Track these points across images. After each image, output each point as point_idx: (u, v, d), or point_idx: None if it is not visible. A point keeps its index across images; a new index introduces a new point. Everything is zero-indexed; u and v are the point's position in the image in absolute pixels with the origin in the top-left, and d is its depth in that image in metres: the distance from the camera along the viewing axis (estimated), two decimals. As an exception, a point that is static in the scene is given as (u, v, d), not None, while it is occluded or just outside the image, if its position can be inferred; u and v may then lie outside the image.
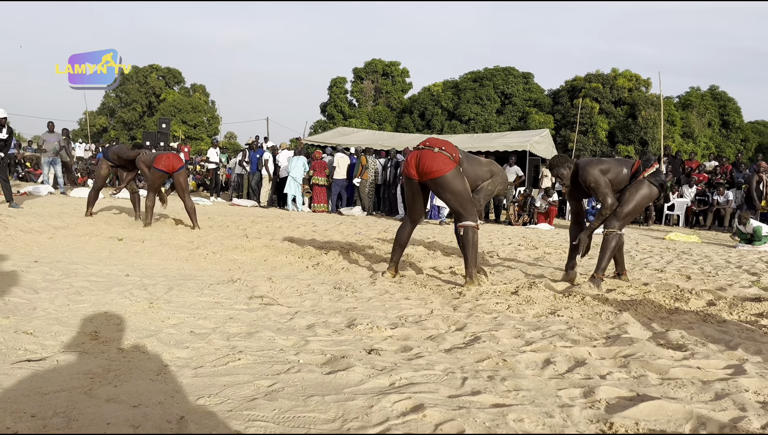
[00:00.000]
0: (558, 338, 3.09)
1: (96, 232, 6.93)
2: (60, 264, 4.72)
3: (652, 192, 4.91)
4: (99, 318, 3.06)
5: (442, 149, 4.63)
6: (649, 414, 2.04)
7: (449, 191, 4.66)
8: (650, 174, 4.89)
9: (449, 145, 4.73)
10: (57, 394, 1.97)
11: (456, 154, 4.68)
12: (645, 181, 4.89)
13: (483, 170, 4.94)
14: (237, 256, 5.81)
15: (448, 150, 4.65)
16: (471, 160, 4.93)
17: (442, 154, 4.61)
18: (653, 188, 4.90)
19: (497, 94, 34.80)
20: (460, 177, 4.67)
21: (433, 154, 4.61)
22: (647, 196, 4.90)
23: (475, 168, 4.90)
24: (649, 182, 4.88)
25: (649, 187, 4.88)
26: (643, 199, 4.89)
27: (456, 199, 4.68)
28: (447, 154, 4.61)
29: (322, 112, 40.70)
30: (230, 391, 2.11)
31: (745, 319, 3.82)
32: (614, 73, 33.80)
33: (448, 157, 4.61)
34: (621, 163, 5.04)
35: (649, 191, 4.89)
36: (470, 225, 4.67)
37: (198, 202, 14.04)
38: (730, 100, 35.41)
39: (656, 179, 4.89)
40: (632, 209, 4.86)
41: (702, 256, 7.88)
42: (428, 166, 4.61)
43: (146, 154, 8.35)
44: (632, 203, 4.84)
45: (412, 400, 2.06)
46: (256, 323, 3.22)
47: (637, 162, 5.02)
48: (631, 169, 4.95)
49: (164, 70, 44.34)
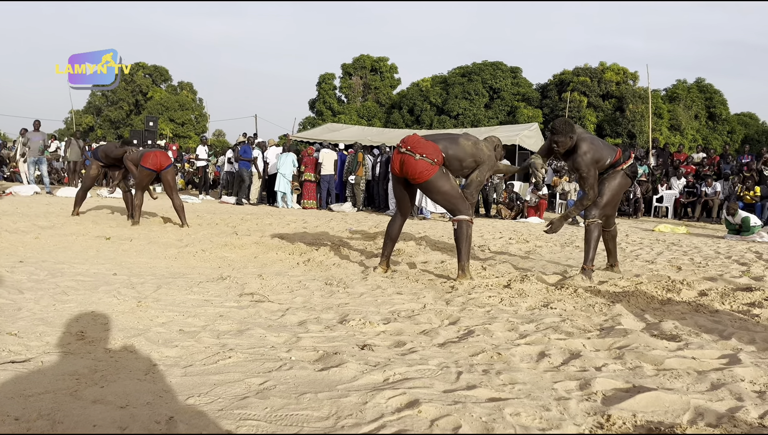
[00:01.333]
0: (552, 331, 3.07)
1: (83, 231, 6.84)
2: (46, 264, 4.64)
3: (626, 182, 5.10)
4: (85, 318, 3.00)
5: (423, 156, 4.61)
6: (646, 405, 2.02)
7: (436, 193, 4.75)
8: (628, 166, 5.05)
9: (429, 148, 4.66)
10: (41, 396, 1.92)
11: (438, 156, 4.65)
12: (621, 173, 5.02)
13: (468, 161, 4.90)
14: (227, 254, 5.75)
15: (429, 155, 4.62)
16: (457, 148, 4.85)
17: (423, 160, 4.61)
18: (627, 179, 5.08)
19: (485, 88, 34.84)
20: (444, 177, 4.71)
21: (415, 162, 4.61)
22: (623, 186, 5.08)
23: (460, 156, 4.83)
24: (625, 174, 5.03)
25: (624, 179, 5.04)
26: (620, 189, 5.06)
27: (444, 197, 4.75)
28: (428, 161, 4.61)
29: (311, 108, 40.57)
30: (221, 390, 2.07)
31: (737, 308, 3.81)
32: (602, 67, 33.96)
33: (430, 162, 4.61)
34: (608, 150, 5.10)
35: (625, 181, 5.07)
36: (464, 219, 4.69)
37: (187, 200, 13.93)
38: (716, 92, 35.66)
39: (630, 170, 5.07)
40: (610, 199, 5.01)
41: (691, 247, 7.91)
42: (411, 172, 4.65)
43: (133, 152, 8.23)
44: (610, 193, 4.98)
45: (407, 395, 2.03)
46: (246, 321, 3.17)
47: (619, 152, 5.10)
48: (612, 158, 5.03)
49: (151, 68, 44.00)
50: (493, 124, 30.26)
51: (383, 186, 14.15)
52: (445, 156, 4.72)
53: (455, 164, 4.83)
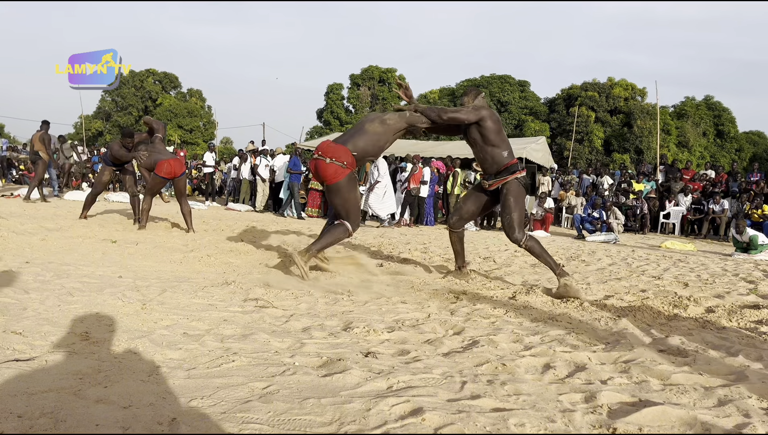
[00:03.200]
0: (557, 343, 3.05)
1: (90, 234, 6.86)
2: (52, 265, 4.65)
3: (524, 192, 5.12)
4: (90, 319, 3.00)
5: (333, 160, 4.86)
6: (652, 419, 2.00)
7: (339, 197, 4.99)
8: (522, 176, 5.09)
9: (339, 152, 4.89)
10: (45, 394, 1.92)
11: (347, 159, 4.87)
12: (516, 183, 5.02)
13: (384, 138, 5.06)
14: (232, 259, 5.75)
15: (338, 159, 4.86)
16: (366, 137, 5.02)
17: (333, 164, 4.87)
18: (523, 189, 5.10)
19: (493, 101, 34.92)
20: (351, 184, 4.97)
21: (326, 165, 4.88)
22: (523, 195, 5.10)
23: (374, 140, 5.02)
24: (519, 183, 5.05)
25: (522, 189, 5.07)
26: (522, 200, 5.08)
27: (344, 205, 5.00)
28: (338, 164, 4.87)
29: (319, 118, 40.76)
30: (224, 393, 2.06)
31: (744, 326, 3.78)
32: (610, 82, 33.99)
33: (340, 165, 4.87)
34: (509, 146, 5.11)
35: (523, 193, 5.10)
36: (346, 226, 4.99)
37: (193, 206, 13.97)
38: (725, 110, 35.63)
39: (523, 181, 5.10)
40: (520, 214, 5.00)
41: (698, 264, 7.86)
42: (323, 175, 4.93)
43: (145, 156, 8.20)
44: (518, 209, 4.99)
45: (411, 403, 2.01)
46: (250, 325, 3.16)
47: (515, 159, 5.12)
48: (509, 159, 5.03)
49: (161, 74, 44.34)
50: (500, 137, 30.28)
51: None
52: (357, 152, 4.93)
53: (375, 149, 5.07)
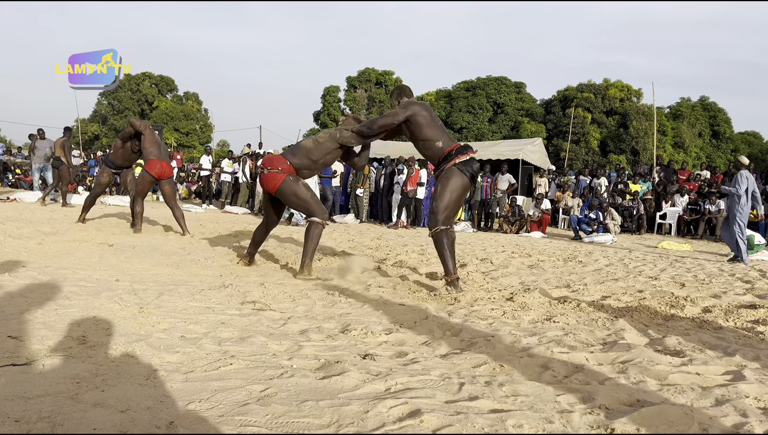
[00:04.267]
0: (555, 344, 3.05)
1: (86, 237, 6.85)
2: (49, 269, 4.64)
3: (463, 182, 4.70)
4: (87, 322, 2.99)
5: (269, 169, 5.14)
6: (650, 419, 2.00)
7: (290, 196, 5.14)
8: (461, 162, 4.68)
9: (275, 161, 5.18)
10: (42, 398, 1.91)
11: (283, 165, 5.11)
12: (455, 170, 4.66)
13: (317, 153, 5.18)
14: (229, 262, 5.74)
15: (273, 167, 5.12)
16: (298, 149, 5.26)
17: (270, 172, 5.11)
18: (464, 178, 4.69)
19: (489, 103, 34.97)
20: (294, 184, 5.13)
21: (265, 176, 5.16)
22: (460, 187, 4.69)
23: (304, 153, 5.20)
24: (459, 171, 4.67)
25: (460, 177, 4.67)
26: (455, 191, 4.68)
27: (298, 202, 5.18)
28: (275, 171, 5.10)
29: (315, 120, 40.76)
30: (221, 396, 2.06)
31: (741, 325, 3.79)
32: (606, 84, 34.07)
33: (276, 172, 5.10)
34: (444, 136, 4.82)
35: (461, 181, 4.68)
36: (316, 221, 5.18)
37: (190, 209, 13.96)
38: (720, 110, 35.75)
39: (467, 169, 4.69)
40: (448, 202, 4.66)
41: (695, 264, 7.89)
42: (266, 186, 5.19)
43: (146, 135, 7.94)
44: (446, 197, 4.65)
45: (409, 405, 2.01)
46: (248, 328, 3.16)
47: (454, 145, 4.78)
48: (445, 146, 4.75)
49: (157, 77, 44.28)
50: (496, 138, 30.36)
51: (386, 198, 14.17)
52: (292, 163, 5.14)
53: (307, 162, 5.20)
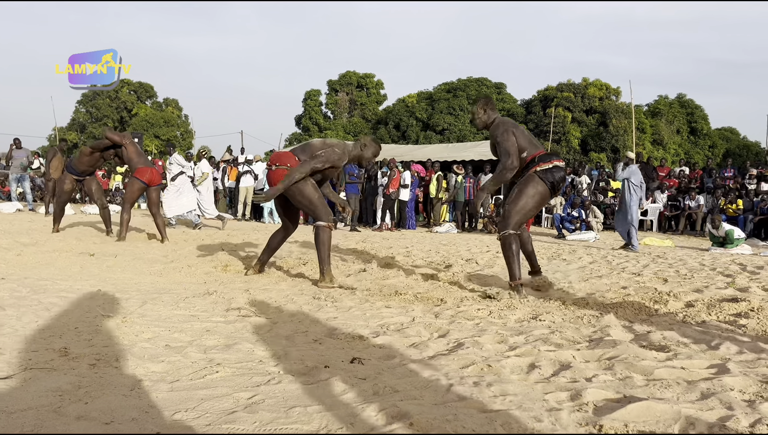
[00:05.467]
0: (541, 342, 3.06)
1: (66, 247, 6.75)
2: (28, 280, 4.56)
3: (541, 190, 4.63)
4: (69, 334, 2.95)
5: (277, 165, 5.03)
6: (637, 415, 2.01)
7: (296, 194, 5.00)
8: (542, 169, 4.62)
9: (283, 157, 5.08)
10: (24, 412, 1.87)
11: (291, 162, 5.00)
12: (535, 177, 4.61)
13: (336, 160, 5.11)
14: (213, 269, 5.69)
15: (282, 163, 5.02)
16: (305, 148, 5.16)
17: (279, 169, 5.00)
18: (543, 186, 4.62)
19: (470, 104, 35.07)
20: (302, 182, 4.97)
21: (272, 172, 5.04)
22: (537, 195, 4.62)
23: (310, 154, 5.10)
24: (539, 178, 4.61)
25: (540, 184, 4.61)
26: (532, 198, 4.61)
27: (304, 202, 5.04)
28: (283, 167, 4.99)
29: (297, 124, 40.62)
30: (208, 405, 2.03)
31: (723, 319, 3.84)
32: (585, 83, 34.39)
33: (285, 168, 4.98)
34: (530, 145, 4.73)
35: (540, 189, 4.62)
36: (321, 225, 5.00)
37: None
38: (697, 107, 36.23)
39: (548, 177, 4.61)
40: (521, 207, 4.59)
41: (677, 259, 7.97)
42: (274, 183, 5.03)
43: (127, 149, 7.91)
44: (520, 201, 4.59)
45: (398, 408, 2.00)
46: (233, 335, 3.13)
47: (538, 152, 4.71)
48: (529, 154, 4.69)
49: (136, 84, 43.80)
50: (478, 139, 30.46)
51: (370, 201, 14.16)
52: (299, 159, 5.03)
53: None
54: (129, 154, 7.82)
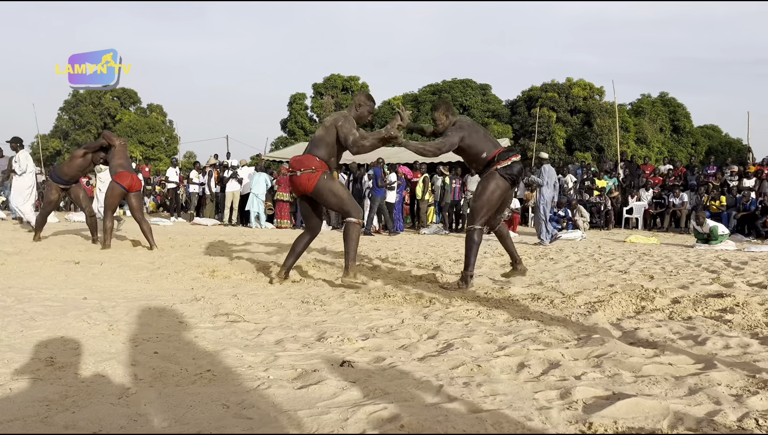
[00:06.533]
0: (530, 341, 3.08)
1: (51, 256, 6.67)
2: (12, 290, 4.51)
3: (502, 185, 5.01)
4: (55, 343, 2.91)
5: (302, 170, 4.95)
6: (626, 412, 2.03)
7: (327, 193, 4.97)
8: (503, 167, 4.99)
9: (305, 161, 4.98)
10: (10, 423, 1.85)
11: (314, 163, 4.93)
12: (496, 174, 4.98)
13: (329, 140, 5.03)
14: (200, 275, 5.66)
15: (306, 167, 4.95)
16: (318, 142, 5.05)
17: (304, 173, 4.94)
18: (504, 181, 5.00)
19: (456, 106, 35.21)
20: (330, 181, 4.99)
21: (298, 178, 4.96)
22: (498, 189, 5.00)
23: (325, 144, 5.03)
24: (500, 175, 4.98)
25: (500, 180, 4.99)
26: (493, 193, 4.99)
27: (335, 201, 5.01)
28: (309, 171, 4.92)
29: (283, 128, 40.54)
30: (197, 411, 2.01)
31: (709, 314, 3.88)
32: (569, 83, 34.65)
33: (310, 172, 4.92)
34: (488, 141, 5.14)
35: (500, 184, 5.00)
36: (352, 221, 4.97)
37: (158, 222, 13.75)
38: (679, 105, 36.64)
39: (507, 172, 4.99)
40: (484, 202, 4.99)
41: (662, 256, 8.05)
42: (302, 188, 4.98)
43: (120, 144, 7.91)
44: (484, 197, 4.99)
45: (388, 410, 2.00)
46: (222, 341, 3.11)
47: (497, 151, 5.08)
48: (489, 153, 5.05)
49: (119, 90, 43.43)
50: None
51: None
52: (320, 157, 4.98)
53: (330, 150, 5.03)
54: (115, 156, 7.78)
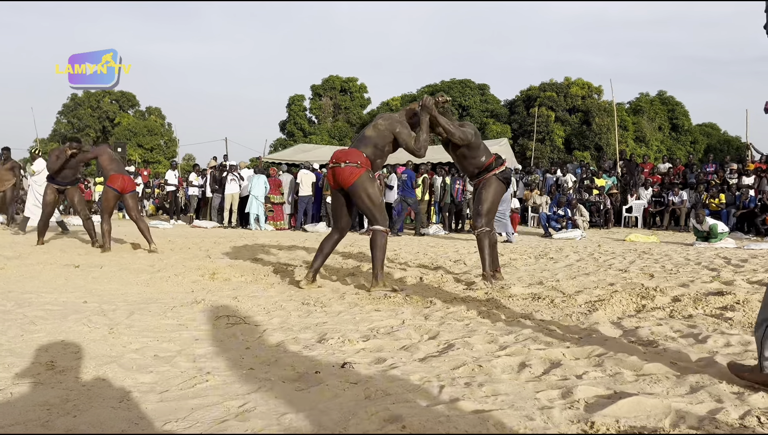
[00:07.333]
0: (531, 341, 3.07)
1: (51, 260, 6.67)
2: (12, 294, 4.50)
3: (500, 189, 5.51)
4: (55, 347, 2.91)
5: (347, 162, 4.92)
6: (628, 410, 2.02)
7: (361, 196, 4.93)
8: (500, 172, 5.48)
9: (351, 154, 4.96)
10: (11, 427, 1.84)
11: (360, 159, 4.92)
12: (495, 179, 5.46)
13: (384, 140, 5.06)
14: (200, 278, 5.65)
15: (352, 160, 4.92)
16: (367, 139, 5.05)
17: (348, 166, 4.90)
18: (501, 185, 5.50)
19: (455, 106, 35.22)
20: (369, 182, 4.95)
21: (341, 169, 4.92)
22: (498, 193, 5.49)
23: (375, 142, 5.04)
24: (498, 179, 5.46)
25: (499, 184, 5.48)
26: (497, 196, 5.49)
27: (366, 204, 4.96)
28: (353, 165, 4.90)
29: (282, 130, 40.56)
30: (199, 414, 2.01)
31: (710, 312, 3.88)
32: (567, 82, 34.66)
33: (354, 165, 4.89)
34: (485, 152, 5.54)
35: (499, 188, 5.49)
36: (379, 229, 4.95)
37: (158, 225, 13.74)
38: (678, 104, 36.66)
39: (503, 176, 5.50)
40: (491, 205, 5.43)
41: (662, 254, 8.05)
42: (342, 180, 4.94)
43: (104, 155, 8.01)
44: (489, 200, 5.41)
45: (390, 411, 2.00)
46: (223, 343, 3.11)
47: (493, 157, 5.54)
48: (486, 159, 5.47)
49: (117, 93, 43.49)
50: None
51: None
52: (366, 154, 4.98)
53: (377, 152, 5.03)
54: (102, 162, 7.91)
